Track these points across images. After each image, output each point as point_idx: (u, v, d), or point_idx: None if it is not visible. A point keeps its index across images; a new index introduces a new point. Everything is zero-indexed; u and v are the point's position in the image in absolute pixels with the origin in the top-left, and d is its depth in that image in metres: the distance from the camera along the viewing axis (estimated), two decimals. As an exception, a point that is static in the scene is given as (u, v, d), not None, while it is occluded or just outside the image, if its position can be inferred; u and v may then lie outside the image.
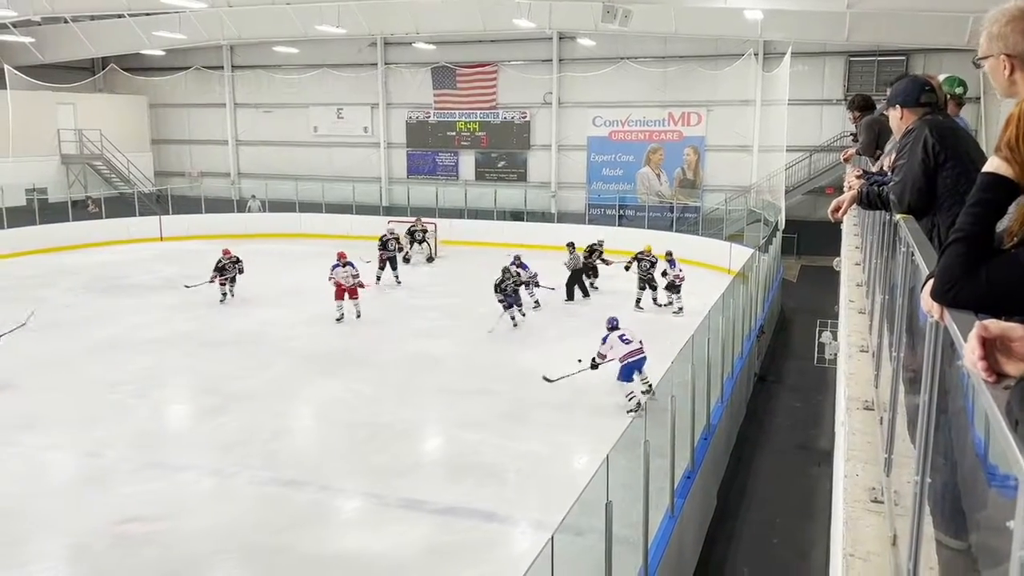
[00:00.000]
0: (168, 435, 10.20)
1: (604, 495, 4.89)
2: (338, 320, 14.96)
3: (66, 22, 23.15)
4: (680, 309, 15.69)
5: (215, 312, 15.74)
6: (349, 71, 27.92)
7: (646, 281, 16.52)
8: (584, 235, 20.07)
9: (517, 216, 25.13)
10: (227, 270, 16.54)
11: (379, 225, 21.46)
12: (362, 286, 15.30)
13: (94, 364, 12.49)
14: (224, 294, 16.63)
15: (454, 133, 27.56)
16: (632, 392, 10.44)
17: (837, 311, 7.24)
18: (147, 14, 21.92)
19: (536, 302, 16.15)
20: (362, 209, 25.42)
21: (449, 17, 22.16)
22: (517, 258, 16.62)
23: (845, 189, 4.01)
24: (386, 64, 27.68)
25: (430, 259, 22.08)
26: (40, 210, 23.31)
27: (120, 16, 21.96)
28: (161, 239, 24.17)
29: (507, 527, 7.88)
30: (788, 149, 20.70)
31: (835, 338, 10.53)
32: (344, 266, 15.20)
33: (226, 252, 16.92)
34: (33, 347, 13.26)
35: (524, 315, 15.06)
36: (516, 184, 26.67)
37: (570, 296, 17.22)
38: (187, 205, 26.54)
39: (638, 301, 16.53)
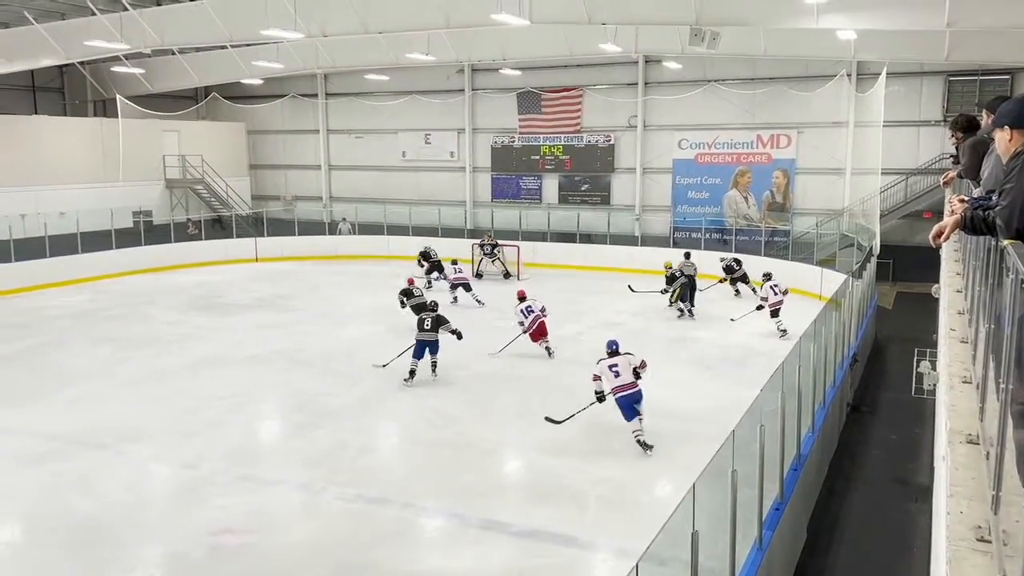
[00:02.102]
0: (260, 449, 10.55)
1: (690, 524, 4.80)
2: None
3: (173, 54, 24.47)
4: (784, 332, 15.21)
5: (306, 331, 16.22)
6: (437, 97, 28.55)
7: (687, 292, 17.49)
8: (668, 258, 19.95)
9: (600, 239, 25.07)
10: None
11: (461, 247, 21.88)
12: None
13: (193, 379, 13.04)
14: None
15: (538, 157, 27.77)
16: (639, 430, 9.78)
17: (936, 340, 6.95)
18: (247, 45, 22.96)
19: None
20: (447, 232, 25.84)
21: (536, 43, 22.42)
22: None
23: (947, 214, 3.88)
24: (473, 90, 28.19)
25: (507, 275, 22.21)
26: (145, 232, 24.59)
27: (223, 47, 23.07)
28: (256, 260, 25.11)
29: (588, 553, 7.82)
30: (883, 172, 20.04)
31: (934, 368, 10.08)
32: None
33: (411, 281, 16.76)
34: (138, 363, 13.99)
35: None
36: (600, 207, 26.64)
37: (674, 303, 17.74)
38: (281, 227, 27.54)
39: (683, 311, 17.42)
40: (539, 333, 14.08)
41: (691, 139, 25.43)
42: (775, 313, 15.54)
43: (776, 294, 15.59)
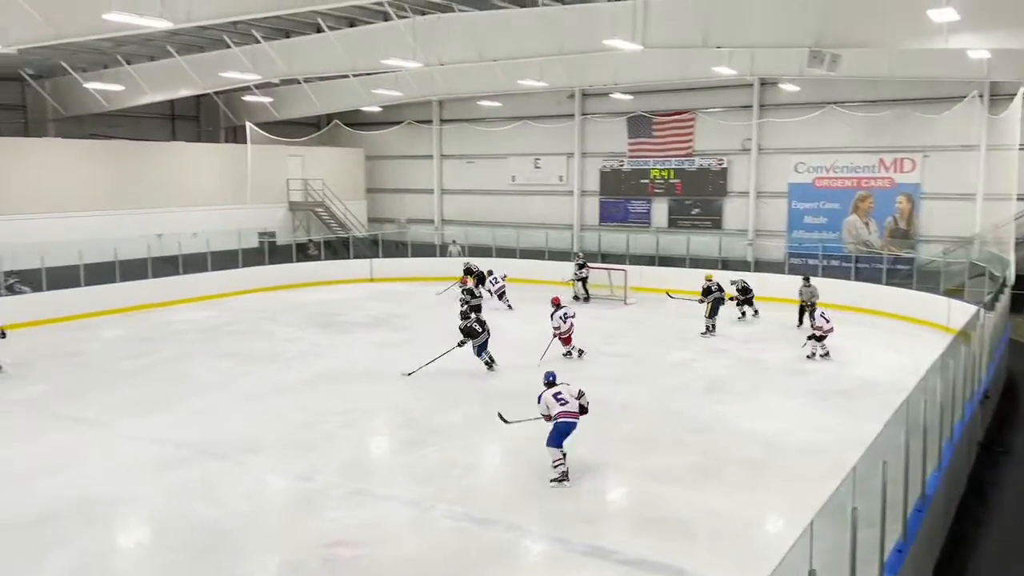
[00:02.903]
0: (372, 464, 10.85)
1: (807, 563, 4.64)
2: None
3: (299, 83, 25.73)
4: (824, 354, 15.48)
5: (417, 349, 16.58)
6: (547, 122, 28.88)
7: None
8: (785, 284, 19.52)
9: (710, 264, 24.59)
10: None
11: (568, 271, 21.95)
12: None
13: (310, 394, 13.56)
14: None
15: (647, 181, 27.59)
16: (560, 460, 9.52)
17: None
18: (368, 74, 23.90)
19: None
20: (554, 255, 25.98)
21: (648, 67, 22.36)
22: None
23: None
24: (583, 114, 28.35)
25: (586, 299, 22.34)
26: (269, 252, 25.87)
27: (345, 76, 24.10)
28: (371, 280, 25.94)
29: (697, 585, 7.63)
30: (1019, 198, 18.87)
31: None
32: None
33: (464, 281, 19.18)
34: (259, 377, 14.66)
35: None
36: (710, 232, 26.18)
37: (800, 322, 18.09)
38: (395, 249, 28.43)
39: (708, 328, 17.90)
40: (570, 339, 15.41)
41: (808, 162, 24.70)
42: (821, 339, 15.50)
43: (828, 322, 15.53)
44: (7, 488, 9.49)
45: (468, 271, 22.63)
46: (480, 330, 14.51)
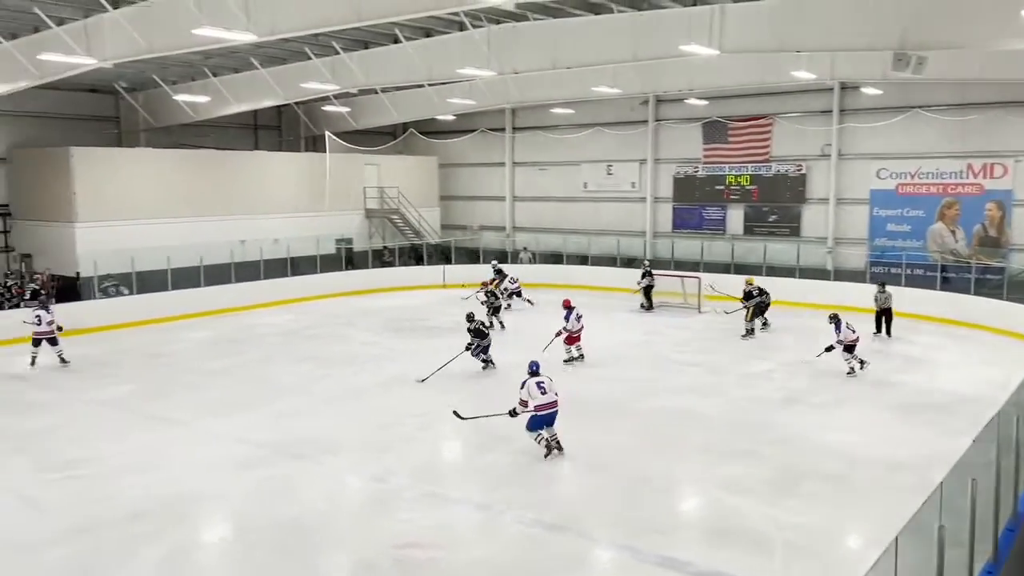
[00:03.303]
0: (444, 467, 10.99)
1: (890, 580, 4.51)
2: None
3: (376, 93, 26.26)
4: (861, 363, 14.98)
5: (490, 355, 16.69)
6: (620, 129, 28.74)
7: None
8: (866, 294, 19.01)
9: (788, 272, 24.06)
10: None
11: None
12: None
13: (385, 397, 13.83)
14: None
15: (723, 187, 27.16)
16: (540, 437, 10.53)
17: None
18: (443, 83, 24.24)
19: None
20: (626, 262, 25.83)
21: (724, 72, 22.03)
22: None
23: None
24: (656, 120, 28.12)
25: (648, 308, 22.22)
26: (346, 258, 26.46)
27: (420, 86, 24.50)
28: (444, 286, 26.25)
29: (774, 601, 7.48)
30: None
31: None
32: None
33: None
34: (336, 380, 15.02)
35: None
36: (788, 239, 25.59)
37: (879, 329, 18.20)
38: (467, 255, 28.71)
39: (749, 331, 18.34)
40: (577, 339, 15.90)
41: (891, 168, 23.91)
42: (850, 348, 14.86)
43: (853, 332, 14.89)
44: (99, 485, 9.95)
45: (500, 272, 23.57)
46: (486, 332, 15.20)
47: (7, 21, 15.94)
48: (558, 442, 10.65)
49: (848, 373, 14.83)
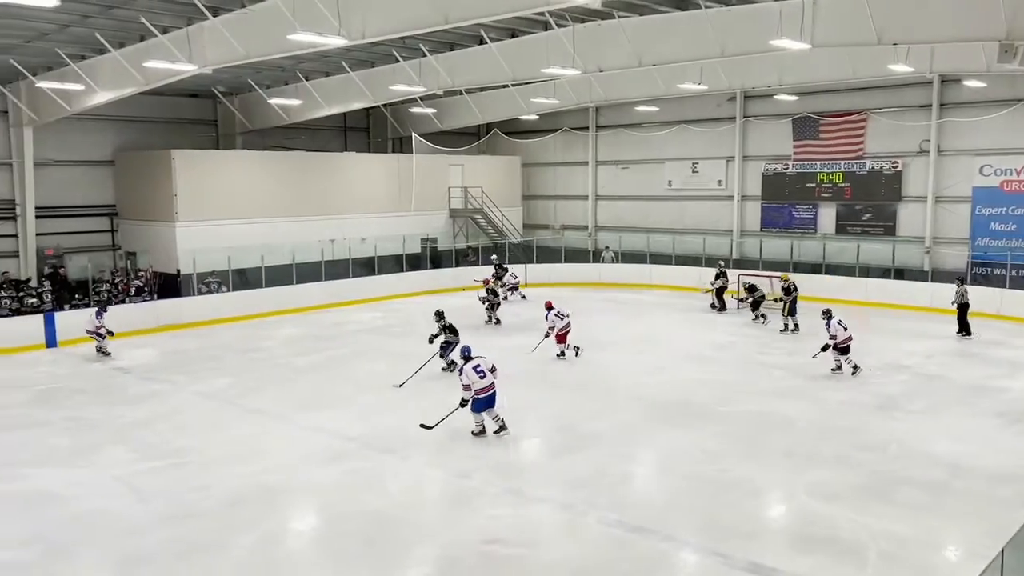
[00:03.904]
0: (526, 466, 11.03)
1: (993, 594, 4.32)
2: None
3: (461, 94, 26.57)
4: (853, 366, 14.72)
5: (569, 355, 16.70)
6: (706, 126, 28.28)
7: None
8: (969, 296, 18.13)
9: (882, 273, 23.21)
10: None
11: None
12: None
13: (468, 395, 13.97)
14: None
15: (814, 184, 26.39)
16: (481, 421, 11.24)
17: None
18: (527, 83, 24.34)
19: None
20: (711, 262, 25.39)
21: (816, 67, 21.40)
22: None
23: None
24: (744, 117, 27.54)
25: (720, 309, 21.94)
26: (431, 257, 26.89)
27: (504, 86, 24.66)
28: (525, 285, 26.34)
29: (866, 612, 7.24)
30: None
31: None
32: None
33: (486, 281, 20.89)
34: (419, 376, 15.26)
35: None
36: (883, 239, 24.68)
37: (961, 329, 17.96)
38: (549, 255, 28.75)
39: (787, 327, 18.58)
40: (565, 337, 16.16)
41: (995, 164, 22.77)
42: (845, 351, 14.59)
43: (845, 330, 14.59)
44: (198, 474, 10.39)
45: (501, 267, 24.75)
46: (456, 332, 15.27)
47: (116, 31, 16.82)
48: (503, 422, 11.33)
49: (833, 370, 14.78)
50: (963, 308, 18.00)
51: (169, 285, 22.39)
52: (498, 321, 20.27)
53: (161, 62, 16.16)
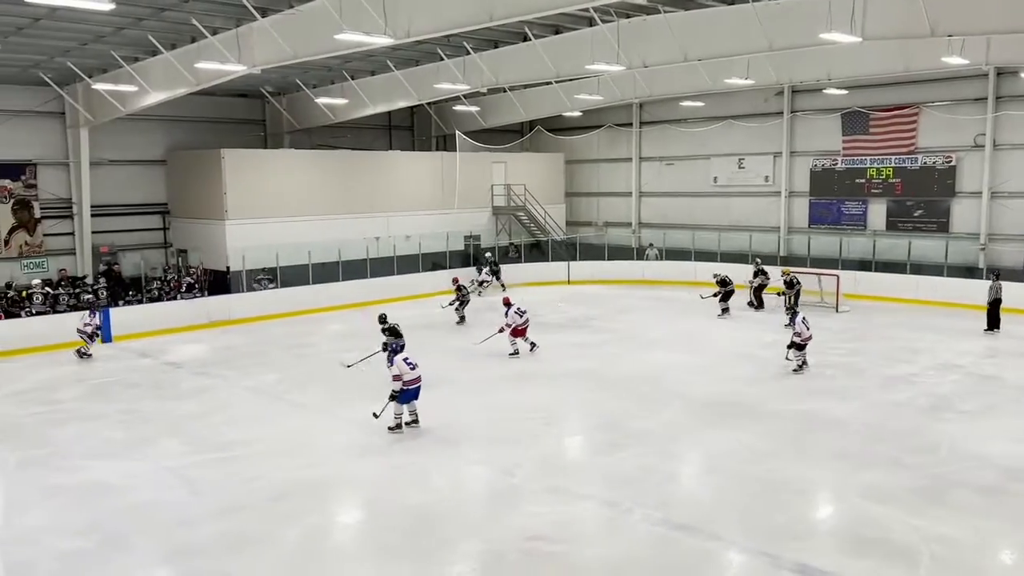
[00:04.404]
0: (570, 463, 11.02)
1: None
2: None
3: (504, 91, 26.60)
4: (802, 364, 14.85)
5: (613, 352, 16.64)
6: (752, 121, 27.89)
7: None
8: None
9: (935, 270, 22.66)
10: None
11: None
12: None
13: (513, 391, 14.03)
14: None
15: (863, 180, 25.87)
16: (401, 413, 11.56)
17: None
18: (570, 80, 24.26)
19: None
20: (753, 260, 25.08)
21: (866, 60, 20.95)
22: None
23: None
24: (792, 112, 27.10)
25: (758, 307, 21.66)
26: (474, 255, 26.99)
27: (548, 83, 24.62)
28: (568, 283, 26.34)
29: (918, 616, 7.09)
30: None
31: None
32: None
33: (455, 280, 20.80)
34: (469, 373, 15.34)
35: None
36: (936, 235, 24.09)
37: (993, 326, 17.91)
38: (592, 252, 28.65)
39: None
40: (523, 331, 16.71)
41: (1056, 158, 22.08)
42: (801, 347, 14.79)
43: (807, 329, 14.79)
44: (247, 467, 10.59)
45: (496, 264, 25.84)
46: (401, 333, 15.36)
47: (168, 33, 17.19)
48: (416, 417, 11.76)
49: (794, 371, 14.74)
50: (995, 304, 17.91)
51: (219, 282, 22.82)
52: (463, 319, 20.30)
53: (211, 63, 16.48)
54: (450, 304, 20.62)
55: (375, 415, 11.71)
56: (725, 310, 20.50)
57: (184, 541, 8.39)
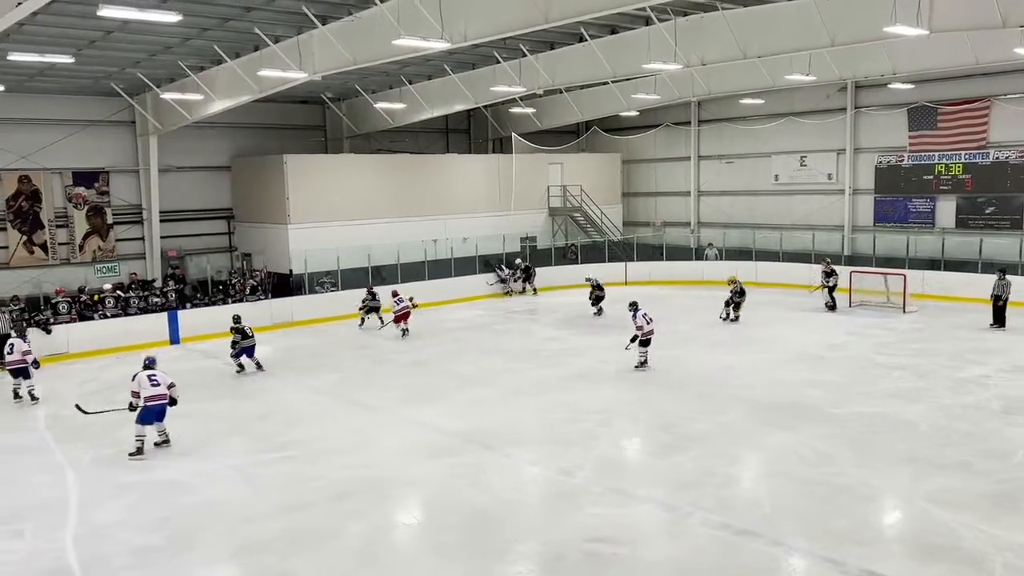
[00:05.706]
0: (629, 465, 10.96)
1: None
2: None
3: (560, 92, 26.57)
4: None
5: (674, 354, 16.46)
6: (814, 118, 27.33)
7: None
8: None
9: (1009, 269, 21.82)
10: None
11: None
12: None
13: (568, 392, 13.99)
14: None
15: (931, 177, 25.10)
16: (142, 436, 11.05)
17: None
18: (627, 79, 24.10)
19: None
20: (821, 259, 24.50)
21: (933, 53, 20.31)
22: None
23: None
24: (855, 108, 26.45)
25: (832, 307, 21.07)
26: (530, 255, 27.03)
27: (604, 83, 24.51)
28: (625, 283, 26.14)
29: (991, 627, 6.85)
30: None
31: None
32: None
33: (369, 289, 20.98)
34: (521, 373, 15.38)
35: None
36: (1009, 233, 23.21)
37: (996, 321, 17.95)
38: (649, 252, 28.42)
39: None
40: (404, 317, 19.26)
41: None
42: (645, 343, 15.00)
43: (648, 323, 15.06)
44: (311, 466, 10.81)
45: (526, 269, 25.87)
46: (251, 334, 16.02)
47: (232, 43, 17.65)
48: (167, 438, 11.50)
49: (636, 367, 14.95)
50: (1003, 300, 18.11)
51: (282, 284, 23.32)
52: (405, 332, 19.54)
53: (274, 70, 16.86)
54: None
55: (79, 408, 12.21)
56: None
57: (249, 538, 8.61)
